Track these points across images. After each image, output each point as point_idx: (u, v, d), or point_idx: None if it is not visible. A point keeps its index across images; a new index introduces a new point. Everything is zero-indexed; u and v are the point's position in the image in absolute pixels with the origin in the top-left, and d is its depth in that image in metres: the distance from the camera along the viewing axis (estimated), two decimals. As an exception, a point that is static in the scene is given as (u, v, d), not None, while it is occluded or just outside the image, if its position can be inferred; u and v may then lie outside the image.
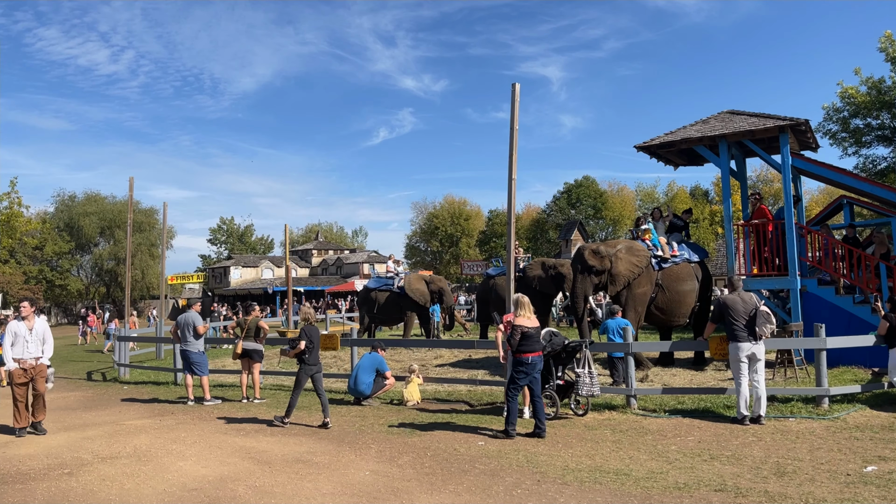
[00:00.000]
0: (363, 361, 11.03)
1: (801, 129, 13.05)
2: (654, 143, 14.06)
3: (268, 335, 12.27)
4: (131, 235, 19.58)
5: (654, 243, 13.93)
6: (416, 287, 21.57)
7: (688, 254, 14.20)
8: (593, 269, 13.35)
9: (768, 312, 8.52)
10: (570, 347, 9.12)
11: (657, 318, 14.03)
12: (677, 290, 13.67)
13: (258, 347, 11.84)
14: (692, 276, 13.87)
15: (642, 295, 13.45)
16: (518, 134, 10.34)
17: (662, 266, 13.72)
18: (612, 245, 13.82)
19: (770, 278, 13.21)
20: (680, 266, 13.87)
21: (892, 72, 24.68)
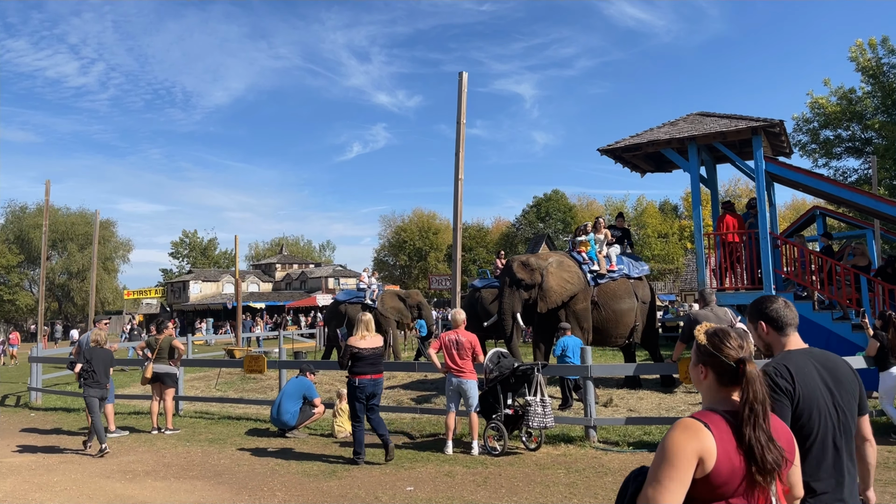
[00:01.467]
0: (288, 387, 9.66)
1: (774, 131, 12.08)
2: (619, 145, 12.98)
3: (183, 356, 10.83)
4: (46, 245, 17.90)
5: (591, 256, 12.76)
6: (391, 305, 20.21)
7: (627, 269, 13.02)
8: (522, 282, 12.13)
9: (745, 330, 7.37)
10: (519, 371, 7.89)
11: (592, 339, 12.86)
12: (613, 309, 12.52)
13: (171, 371, 10.39)
14: (630, 294, 12.71)
15: (584, 311, 12.33)
16: (465, 127, 9.15)
17: (598, 282, 12.57)
18: (544, 258, 12.66)
19: (742, 293, 12.17)
20: (617, 282, 12.73)
21: (862, 82, 24.22)
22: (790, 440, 2.10)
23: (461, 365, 7.89)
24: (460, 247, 9.17)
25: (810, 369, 2.53)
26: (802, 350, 2.63)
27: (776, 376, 2.47)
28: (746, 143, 13.27)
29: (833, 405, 2.50)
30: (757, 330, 2.75)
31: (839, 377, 2.57)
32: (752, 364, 2.03)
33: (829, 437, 2.47)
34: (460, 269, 9.15)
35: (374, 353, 7.67)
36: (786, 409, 2.42)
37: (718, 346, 2.08)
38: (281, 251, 74.12)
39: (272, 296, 59.25)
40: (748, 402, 1.95)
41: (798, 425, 2.43)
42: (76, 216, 58.63)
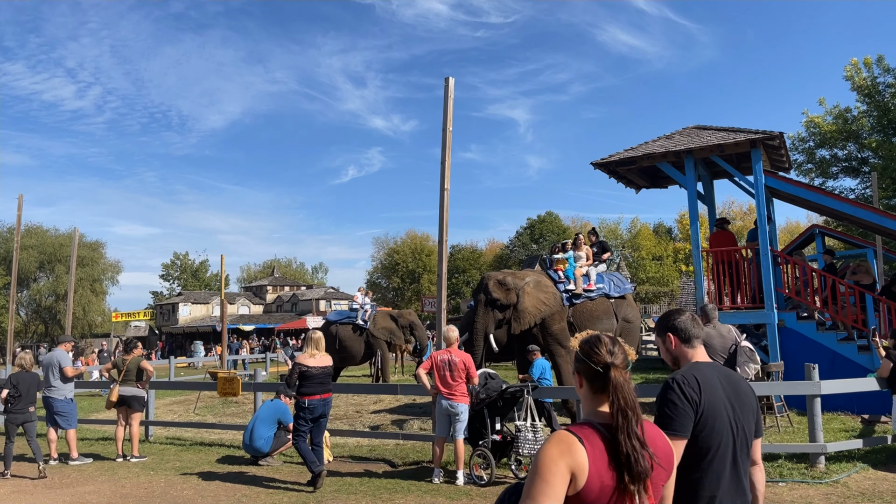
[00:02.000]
0: (262, 411, 9.04)
1: (774, 144, 11.66)
2: (613, 159, 12.54)
3: (152, 378, 10.19)
4: (16, 263, 17.27)
5: (568, 275, 12.03)
6: (382, 326, 19.55)
7: (607, 287, 12.16)
8: (497, 302, 11.46)
9: (751, 349, 6.86)
10: (508, 394, 7.31)
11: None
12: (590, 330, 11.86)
13: (139, 394, 9.75)
14: (609, 314, 11.86)
15: (561, 331, 11.56)
16: (451, 136, 8.67)
17: (574, 302, 11.83)
18: (521, 277, 11.96)
19: (744, 311, 11.66)
20: (595, 302, 11.90)
21: (857, 101, 23.99)
22: (667, 450, 2.07)
23: (453, 387, 7.30)
24: (446, 260, 8.63)
25: (716, 382, 2.54)
26: (709, 364, 2.65)
27: (684, 385, 2.47)
28: (744, 157, 12.86)
29: (734, 420, 2.51)
30: (665, 343, 2.76)
31: (740, 394, 2.58)
32: (618, 370, 1.99)
33: (730, 452, 2.47)
34: (446, 283, 8.60)
35: (323, 372, 7.50)
36: (688, 419, 2.41)
37: (588, 351, 2.06)
38: (272, 273, 73.40)
39: (262, 318, 58.45)
40: (619, 408, 1.92)
41: (701, 436, 2.43)
42: (64, 237, 57.74)
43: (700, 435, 2.43)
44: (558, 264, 12.17)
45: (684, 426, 2.41)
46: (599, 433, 1.92)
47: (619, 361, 2.04)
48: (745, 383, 2.68)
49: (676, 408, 2.44)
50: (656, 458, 1.94)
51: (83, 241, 58.33)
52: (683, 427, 2.41)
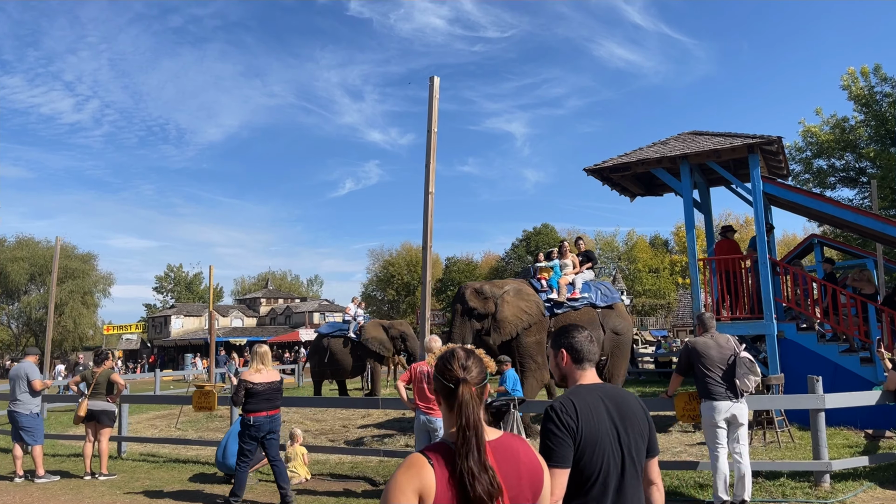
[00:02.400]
0: (236, 426, 8.56)
1: (772, 149, 11.32)
2: (607, 165, 12.19)
3: (123, 392, 9.72)
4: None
5: (552, 284, 11.48)
6: (372, 335, 19.08)
7: (594, 297, 11.50)
8: (474, 311, 10.97)
9: (751, 360, 6.44)
10: (492, 408, 6.88)
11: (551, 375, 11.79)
12: None
13: (109, 408, 9.29)
14: (594, 325, 11.16)
15: (536, 343, 11.00)
16: (437, 137, 8.29)
17: (555, 312, 11.25)
18: (500, 286, 11.46)
19: (742, 322, 11.26)
20: (579, 312, 11.26)
21: (855, 110, 23.75)
22: (536, 474, 1.99)
23: (432, 400, 6.86)
24: (430, 267, 8.23)
25: (598, 406, 2.49)
26: (593, 385, 2.61)
27: (561, 413, 2.43)
28: (741, 164, 12.54)
29: (619, 444, 2.45)
30: (557, 358, 2.71)
31: (628, 415, 2.52)
32: (468, 387, 1.94)
33: (612, 478, 2.41)
34: (430, 291, 8.20)
35: (269, 387, 7.23)
36: (567, 449, 2.37)
37: (441, 367, 2.02)
38: (266, 286, 72.86)
39: (256, 331, 57.85)
40: (460, 427, 1.88)
41: (581, 463, 2.38)
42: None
43: (581, 462, 2.39)
44: (542, 273, 11.69)
45: (563, 457, 2.37)
46: (449, 454, 1.88)
47: (471, 377, 1.97)
48: (633, 402, 2.62)
49: (556, 438, 2.39)
50: (496, 480, 1.85)
51: (74, 253, 57.92)
52: (563, 458, 2.37)
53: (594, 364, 2.69)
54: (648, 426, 2.61)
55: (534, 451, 2.06)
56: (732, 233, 12.32)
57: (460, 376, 1.97)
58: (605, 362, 11.20)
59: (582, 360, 2.65)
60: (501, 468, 1.90)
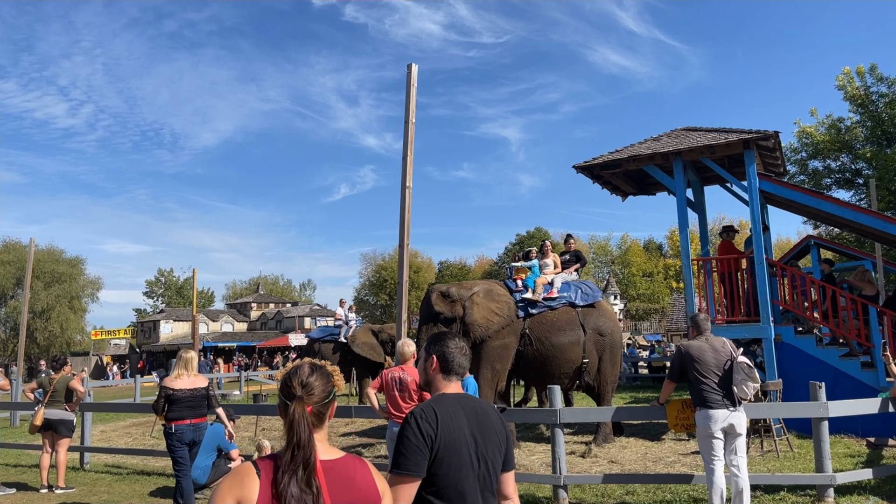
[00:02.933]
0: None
1: (768, 144, 10.87)
2: (597, 162, 11.71)
3: (83, 400, 9.16)
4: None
5: (528, 284, 10.82)
6: (362, 341, 18.56)
7: (574, 295, 10.81)
8: (440, 316, 10.40)
9: (749, 365, 5.94)
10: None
11: (528, 379, 11.18)
12: (552, 343, 10.34)
13: (67, 417, 8.72)
14: (574, 325, 10.52)
15: (500, 349, 10.39)
16: (414, 127, 7.80)
17: (531, 312, 10.57)
18: (468, 287, 10.86)
19: (738, 325, 10.78)
20: (557, 312, 10.58)
21: (850, 111, 23.39)
22: (370, 500, 1.96)
23: (404, 409, 6.35)
24: (407, 266, 7.73)
25: (459, 416, 2.47)
26: (456, 396, 2.59)
27: (420, 419, 2.41)
28: (736, 161, 12.08)
29: (476, 456, 2.44)
30: (426, 362, 2.69)
31: (487, 427, 2.52)
32: (301, 405, 1.90)
33: (468, 489, 2.40)
34: (407, 291, 7.69)
35: (192, 395, 6.95)
36: (421, 457, 2.34)
37: (283, 383, 2.00)
38: (257, 290, 72.14)
39: (246, 336, 57.17)
40: (289, 446, 1.85)
41: (437, 473, 2.36)
42: (43, 253, 56.48)
43: (437, 471, 2.36)
44: (518, 273, 11.04)
45: (416, 464, 2.33)
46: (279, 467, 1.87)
47: (310, 395, 1.95)
48: (493, 415, 2.60)
49: (410, 445, 2.36)
50: (346, 502, 1.88)
51: (62, 257, 57.18)
52: (415, 466, 2.33)
53: (461, 377, 2.66)
54: (506, 439, 2.58)
55: (373, 477, 2.00)
56: (734, 233, 11.81)
57: (297, 394, 1.93)
58: (586, 365, 10.51)
59: (450, 371, 2.63)
60: (332, 490, 1.86)
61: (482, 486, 2.45)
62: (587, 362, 10.52)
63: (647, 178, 13.06)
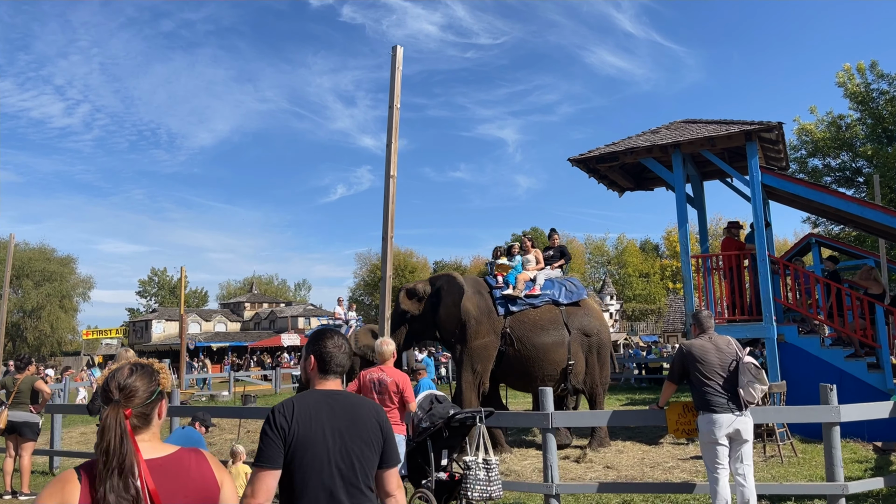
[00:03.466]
0: (169, 441, 7.55)
1: (771, 137, 10.46)
2: (593, 155, 11.29)
3: (48, 401, 8.68)
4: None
5: (509, 280, 10.20)
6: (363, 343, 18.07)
7: (557, 293, 10.18)
8: (407, 315, 9.88)
9: (756, 366, 5.50)
10: (455, 422, 5.90)
11: (509, 382, 10.57)
12: (534, 343, 9.70)
13: (32, 419, 8.25)
14: (558, 324, 9.88)
15: (481, 348, 9.83)
16: (399, 113, 7.34)
17: (511, 309, 9.94)
18: (434, 283, 10.33)
19: (739, 325, 10.35)
20: (540, 310, 9.96)
21: (850, 108, 23.02)
22: (208, 491, 1.95)
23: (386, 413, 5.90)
24: (391, 261, 7.27)
25: (323, 412, 2.49)
26: (326, 392, 2.62)
27: (277, 413, 2.46)
28: (737, 155, 11.69)
29: (341, 453, 2.46)
30: (306, 362, 2.71)
31: (356, 423, 2.53)
32: (115, 409, 1.87)
33: (329, 485, 2.42)
34: (390, 287, 7.23)
35: None
36: (276, 450, 2.38)
37: (103, 387, 1.97)
38: (251, 290, 71.58)
39: (239, 336, 56.66)
40: (100, 451, 1.82)
41: (292, 467, 2.40)
42: (34, 252, 55.93)
43: (291, 466, 2.40)
44: (499, 269, 10.46)
45: (271, 457, 2.38)
46: None
47: (131, 397, 1.93)
48: (365, 412, 2.61)
49: (266, 438, 2.41)
50: (180, 498, 1.87)
51: (53, 255, 56.57)
52: (271, 458, 2.37)
53: (339, 375, 2.68)
54: (383, 436, 2.59)
55: (212, 469, 2.00)
56: (738, 229, 11.37)
57: (114, 398, 1.90)
58: (572, 367, 9.88)
59: (327, 370, 2.65)
60: (163, 487, 1.84)
61: (345, 482, 2.45)
62: (573, 364, 9.89)
63: (644, 173, 12.65)
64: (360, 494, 2.49)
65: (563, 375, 9.89)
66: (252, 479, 2.34)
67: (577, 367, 9.94)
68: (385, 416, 2.65)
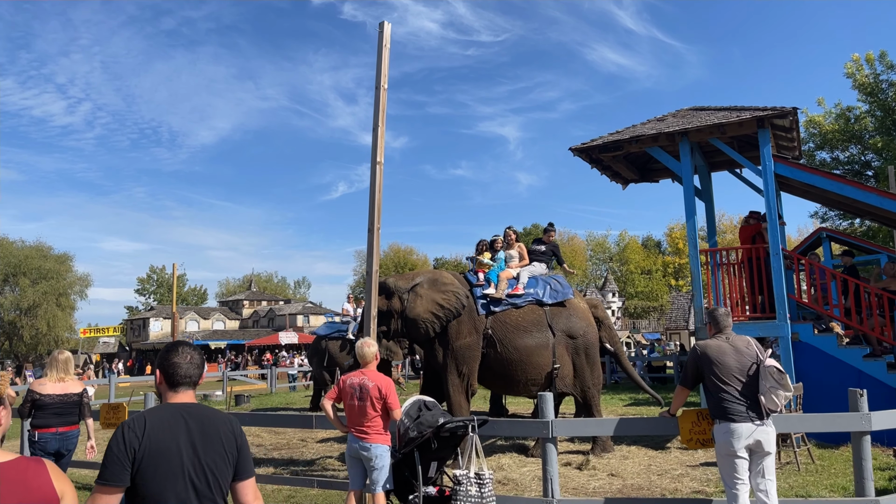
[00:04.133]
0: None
1: (784, 124, 9.88)
2: (595, 144, 10.71)
3: (13, 405, 8.11)
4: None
5: (490, 278, 9.55)
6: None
7: (541, 292, 9.51)
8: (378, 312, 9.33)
9: (779, 370, 4.94)
10: (445, 431, 5.33)
11: (491, 386, 9.96)
12: (516, 346, 9.08)
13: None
14: (541, 326, 9.24)
15: (464, 349, 9.21)
16: (386, 94, 6.77)
17: (492, 310, 9.28)
18: (409, 278, 9.70)
19: (750, 323, 9.78)
20: (523, 310, 9.32)
21: (859, 100, 22.40)
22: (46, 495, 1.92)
23: (365, 422, 5.30)
24: (377, 254, 6.70)
25: (176, 426, 2.47)
26: (180, 405, 2.59)
27: (126, 429, 2.44)
28: (747, 144, 11.10)
29: (194, 466, 2.44)
30: (155, 377, 2.69)
31: (209, 436, 2.51)
32: None
33: (181, 498, 2.39)
34: (377, 283, 6.66)
35: (61, 400, 6.32)
36: (121, 467, 2.35)
37: None
38: (250, 287, 71.06)
39: (237, 334, 56.14)
40: None
41: (141, 483, 2.36)
42: (31, 249, 55.40)
43: (143, 481, 2.36)
44: (481, 267, 9.79)
45: (116, 475, 2.35)
46: None
47: None
48: (219, 423, 2.59)
49: (112, 455, 2.38)
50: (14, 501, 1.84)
51: (50, 253, 56.02)
52: (115, 476, 2.35)
53: (190, 386, 2.64)
54: (237, 447, 2.58)
55: (50, 478, 1.97)
56: (760, 219, 10.76)
57: None
58: (557, 372, 9.24)
59: (175, 383, 2.61)
60: (2, 496, 1.84)
61: (200, 495, 2.44)
62: (559, 368, 9.23)
63: (650, 163, 12.08)
64: None
65: (548, 380, 9.27)
66: (93, 497, 2.27)
67: (562, 370, 9.30)
68: (239, 427, 2.60)
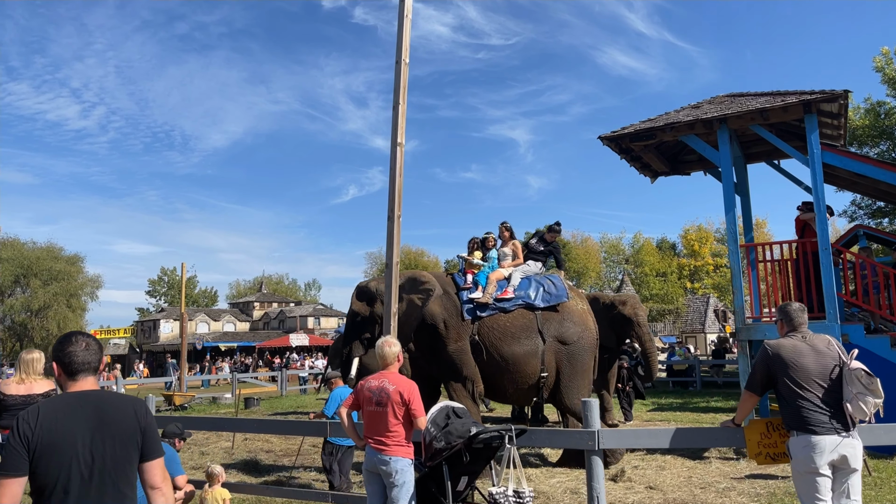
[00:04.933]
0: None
1: (832, 110, 9.19)
2: (627, 131, 10.04)
3: None
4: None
5: (479, 280, 8.89)
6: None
7: (534, 295, 8.81)
8: (357, 317, 8.70)
9: (868, 373, 4.26)
10: (479, 442, 4.68)
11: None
12: (503, 353, 8.49)
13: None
14: (530, 331, 8.59)
15: (457, 352, 8.60)
16: (408, 67, 6.15)
17: (479, 314, 8.64)
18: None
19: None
20: (511, 315, 8.65)
21: (888, 95, 21.58)
22: None
23: (385, 432, 4.63)
24: (398, 245, 6.08)
25: (73, 414, 2.48)
26: (78, 393, 2.59)
27: (21, 421, 2.43)
28: (786, 132, 10.40)
29: (90, 452, 2.45)
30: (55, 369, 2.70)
31: (108, 422, 2.51)
32: None
33: (74, 485, 2.41)
34: (397, 276, 6.04)
35: (25, 402, 5.88)
36: (16, 456, 2.38)
37: None
38: (260, 289, 70.71)
39: (248, 336, 55.76)
40: None
41: (38, 473, 2.40)
42: (42, 250, 55.31)
43: (37, 470, 2.39)
44: (470, 268, 9.13)
45: (14, 465, 2.38)
46: None
47: None
48: (121, 408, 2.59)
49: (9, 447, 2.40)
50: None
51: (61, 254, 55.88)
52: (13, 466, 2.38)
53: (90, 373, 2.65)
54: (141, 430, 2.57)
55: None
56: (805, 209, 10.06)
57: None
58: (544, 380, 8.61)
59: (74, 371, 2.62)
60: None
61: (99, 481, 2.46)
62: (545, 376, 8.59)
63: (682, 154, 11.40)
64: (114, 492, 2.48)
65: (534, 389, 8.68)
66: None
67: (549, 379, 8.65)
68: (144, 408, 2.58)
